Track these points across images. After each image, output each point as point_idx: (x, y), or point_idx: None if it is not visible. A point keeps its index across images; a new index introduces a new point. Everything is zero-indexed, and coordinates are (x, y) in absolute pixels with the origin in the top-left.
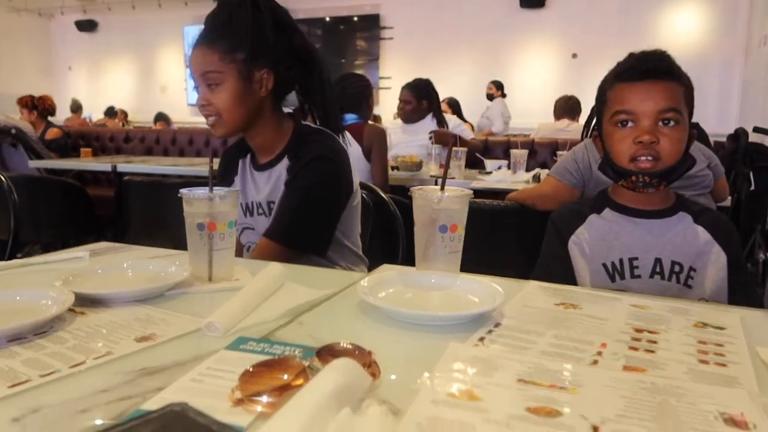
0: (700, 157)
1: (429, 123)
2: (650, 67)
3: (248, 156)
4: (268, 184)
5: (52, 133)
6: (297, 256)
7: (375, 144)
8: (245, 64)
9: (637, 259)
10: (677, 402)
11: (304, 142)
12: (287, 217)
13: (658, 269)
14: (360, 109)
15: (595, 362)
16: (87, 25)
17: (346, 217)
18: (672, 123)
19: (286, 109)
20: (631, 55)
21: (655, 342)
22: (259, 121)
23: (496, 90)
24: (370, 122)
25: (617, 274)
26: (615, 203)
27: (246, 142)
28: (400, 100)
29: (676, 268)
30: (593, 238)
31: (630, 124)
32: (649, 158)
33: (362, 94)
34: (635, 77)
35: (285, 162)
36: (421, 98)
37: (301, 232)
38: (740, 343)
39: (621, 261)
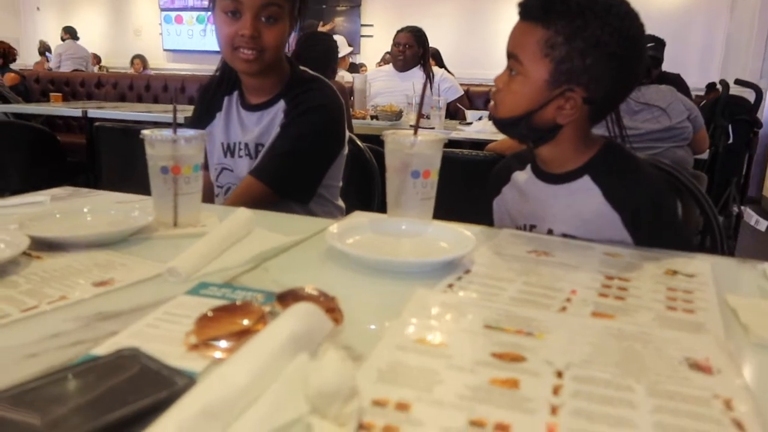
0: (680, 108)
1: (418, 72)
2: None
3: (235, 93)
4: (258, 126)
5: (9, 79)
6: (278, 201)
7: None
8: (295, 4)
9: (535, 227)
10: (643, 348)
11: (303, 88)
12: (278, 160)
13: None
14: (326, 70)
15: (564, 309)
16: None
17: (332, 167)
18: (513, 72)
19: None
20: None
21: (625, 289)
22: (276, 64)
23: None
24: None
25: None
26: (534, 159)
27: (231, 78)
28: (399, 43)
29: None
30: (512, 199)
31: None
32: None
33: (329, 54)
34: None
35: (281, 104)
36: (420, 44)
37: (290, 178)
38: (709, 291)
39: (525, 227)
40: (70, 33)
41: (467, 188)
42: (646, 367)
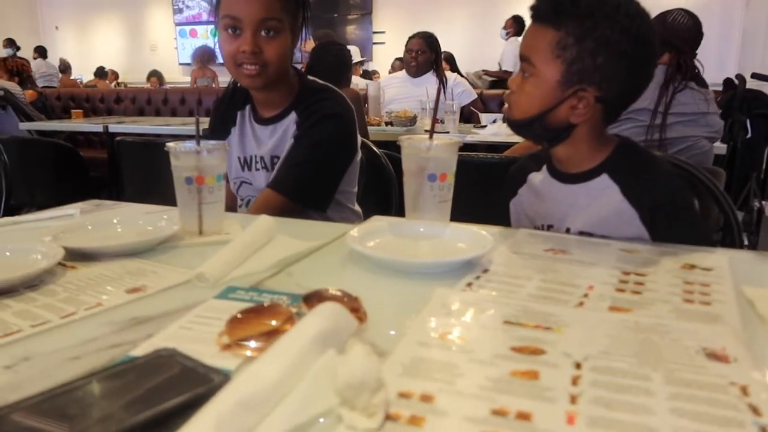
0: (715, 107)
1: (431, 77)
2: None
3: (247, 108)
4: (272, 138)
5: (27, 96)
6: (298, 211)
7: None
8: (297, 17)
9: (552, 227)
10: (660, 339)
11: (314, 99)
12: (294, 170)
13: None
14: (340, 80)
15: (581, 304)
16: None
17: (347, 174)
18: (526, 74)
19: None
20: None
21: (642, 284)
22: (282, 77)
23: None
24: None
25: None
26: (550, 160)
27: (242, 93)
28: (412, 50)
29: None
30: (528, 200)
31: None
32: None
33: (341, 64)
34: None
35: (292, 116)
36: (432, 50)
37: (307, 187)
38: (726, 283)
39: (543, 227)
40: (39, 52)
41: (483, 191)
42: (663, 356)
